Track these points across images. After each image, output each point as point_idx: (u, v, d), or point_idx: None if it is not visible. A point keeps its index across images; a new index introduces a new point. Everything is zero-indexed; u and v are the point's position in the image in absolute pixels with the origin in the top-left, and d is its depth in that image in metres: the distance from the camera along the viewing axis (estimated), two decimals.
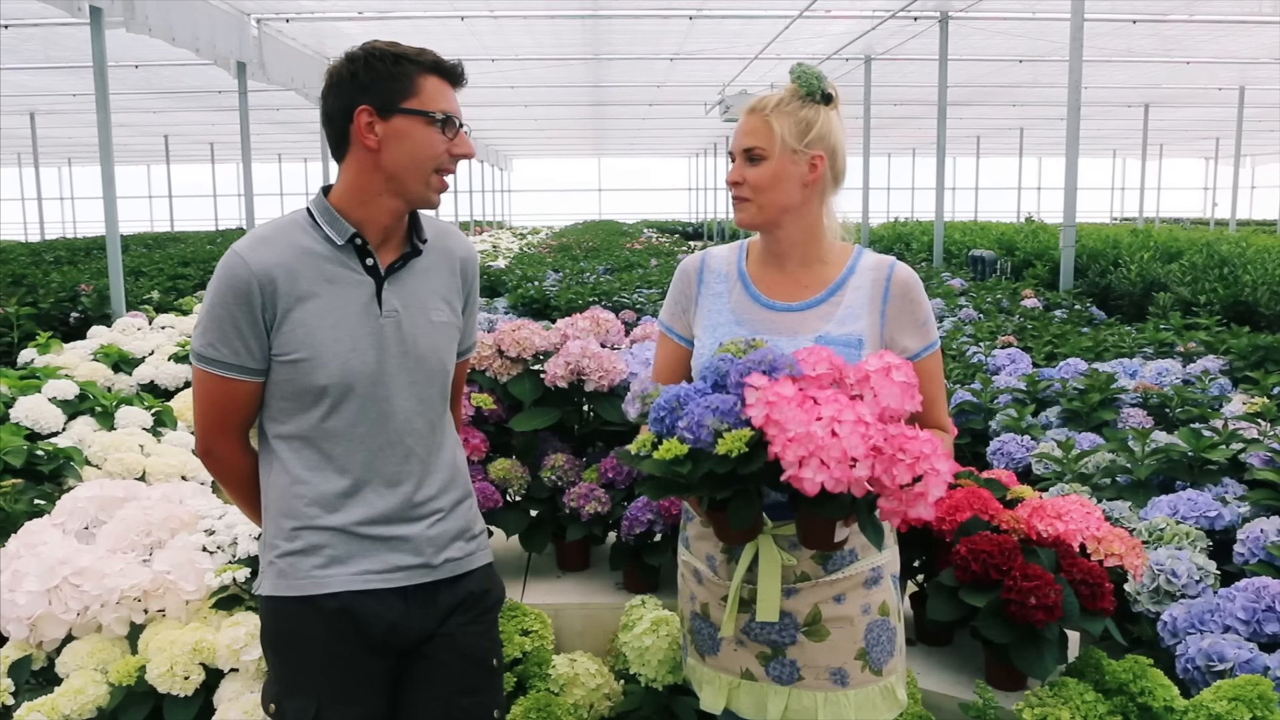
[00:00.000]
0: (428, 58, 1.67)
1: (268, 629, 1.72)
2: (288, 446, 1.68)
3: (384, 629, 1.68)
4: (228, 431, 1.71)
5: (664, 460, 1.49)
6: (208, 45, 11.12)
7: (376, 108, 1.62)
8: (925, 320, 1.78)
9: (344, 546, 1.66)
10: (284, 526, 1.68)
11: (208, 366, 1.64)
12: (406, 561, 1.69)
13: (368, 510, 1.67)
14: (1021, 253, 12.86)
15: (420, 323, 1.70)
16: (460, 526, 1.78)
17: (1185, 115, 25.11)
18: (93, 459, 4.47)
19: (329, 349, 1.62)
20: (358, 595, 1.66)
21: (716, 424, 1.49)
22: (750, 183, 1.75)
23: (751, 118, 1.76)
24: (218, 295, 1.62)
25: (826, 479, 1.37)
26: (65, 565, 2.30)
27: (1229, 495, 3.45)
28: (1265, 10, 12.60)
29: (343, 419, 1.65)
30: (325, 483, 1.66)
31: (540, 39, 14.67)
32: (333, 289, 1.64)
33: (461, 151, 1.67)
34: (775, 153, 1.73)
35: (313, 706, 1.66)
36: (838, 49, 15.22)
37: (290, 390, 1.65)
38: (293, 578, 1.66)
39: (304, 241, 1.65)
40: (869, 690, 1.70)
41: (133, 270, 11.91)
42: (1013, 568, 2.18)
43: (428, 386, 1.72)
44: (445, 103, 1.66)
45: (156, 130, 27.72)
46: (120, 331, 7.84)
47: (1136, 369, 5.43)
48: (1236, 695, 2.06)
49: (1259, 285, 8.15)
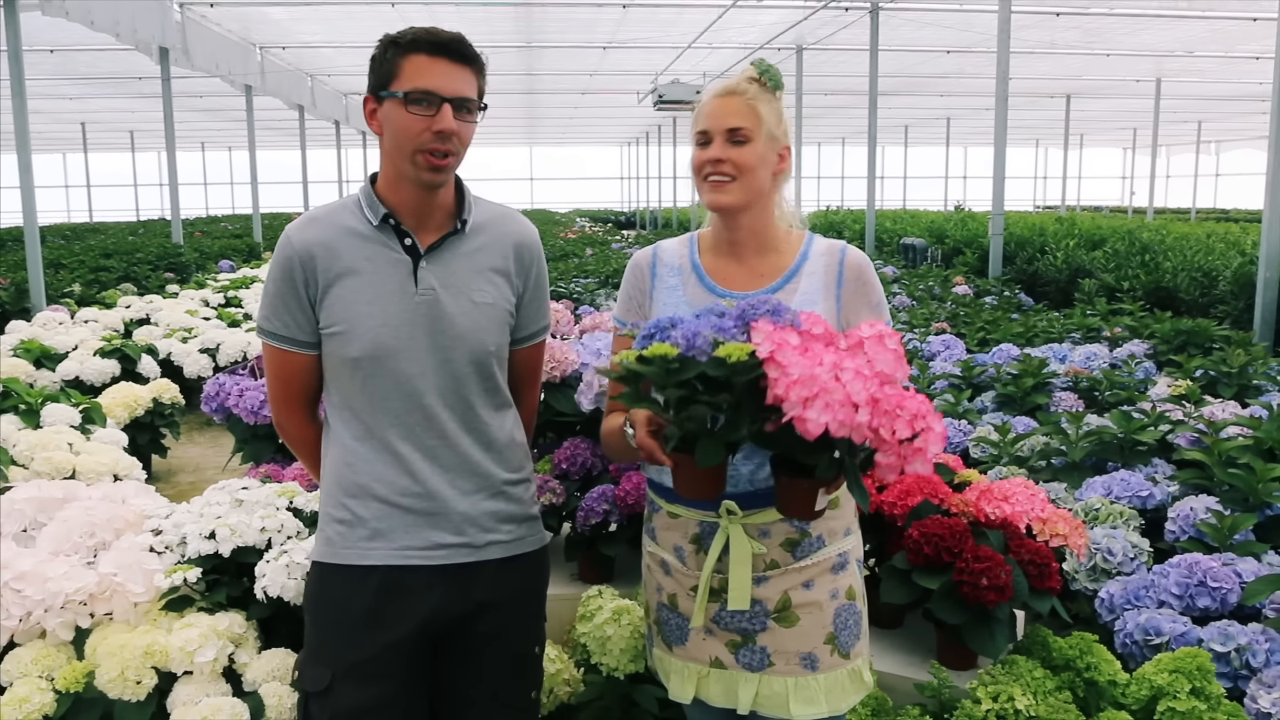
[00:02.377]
0: (408, 38, 1.65)
1: (309, 593, 1.78)
2: (339, 418, 1.75)
3: (424, 608, 1.70)
4: (291, 403, 1.80)
5: (653, 358, 1.42)
6: (128, 30, 10.77)
7: (374, 95, 1.69)
8: (879, 302, 1.82)
9: (387, 520, 1.71)
10: (335, 496, 1.74)
11: (266, 339, 1.75)
12: (448, 540, 1.73)
13: (409, 484, 1.71)
14: (951, 240, 13.13)
15: (460, 302, 1.73)
16: (511, 509, 1.80)
17: (1105, 106, 25.83)
18: (19, 458, 4.31)
19: (362, 323, 1.68)
20: (397, 570, 1.70)
21: (714, 336, 1.45)
22: (735, 162, 1.74)
23: (733, 99, 1.75)
24: (271, 272, 1.73)
25: (830, 420, 1.33)
26: (6, 570, 2.22)
27: (1159, 475, 3.58)
28: (1181, 5, 13.02)
29: (375, 391, 1.70)
30: (369, 454, 1.72)
31: (473, 25, 14.49)
32: (371, 266, 1.71)
33: (440, 127, 1.64)
34: (759, 137, 1.74)
35: (326, 677, 1.68)
36: (770, 39, 15.33)
37: (334, 363, 1.73)
38: (338, 545, 1.72)
39: (348, 222, 1.73)
40: (838, 674, 1.73)
41: (51, 263, 11.50)
42: (964, 550, 2.24)
43: (464, 364, 1.74)
44: (424, 79, 1.63)
45: (73, 118, 26.78)
46: (41, 326, 7.58)
47: (1066, 354, 5.59)
48: (1177, 667, 2.14)
49: (1179, 272, 8.45)
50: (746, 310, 1.52)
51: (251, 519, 2.41)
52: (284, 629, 2.38)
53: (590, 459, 2.78)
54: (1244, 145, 37.20)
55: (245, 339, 7.40)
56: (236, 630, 2.27)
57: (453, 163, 1.69)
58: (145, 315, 8.59)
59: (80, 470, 4.24)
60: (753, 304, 1.54)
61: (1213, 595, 2.70)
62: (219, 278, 11.82)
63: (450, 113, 1.64)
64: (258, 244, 17.15)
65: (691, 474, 1.51)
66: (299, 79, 18.34)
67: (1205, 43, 15.92)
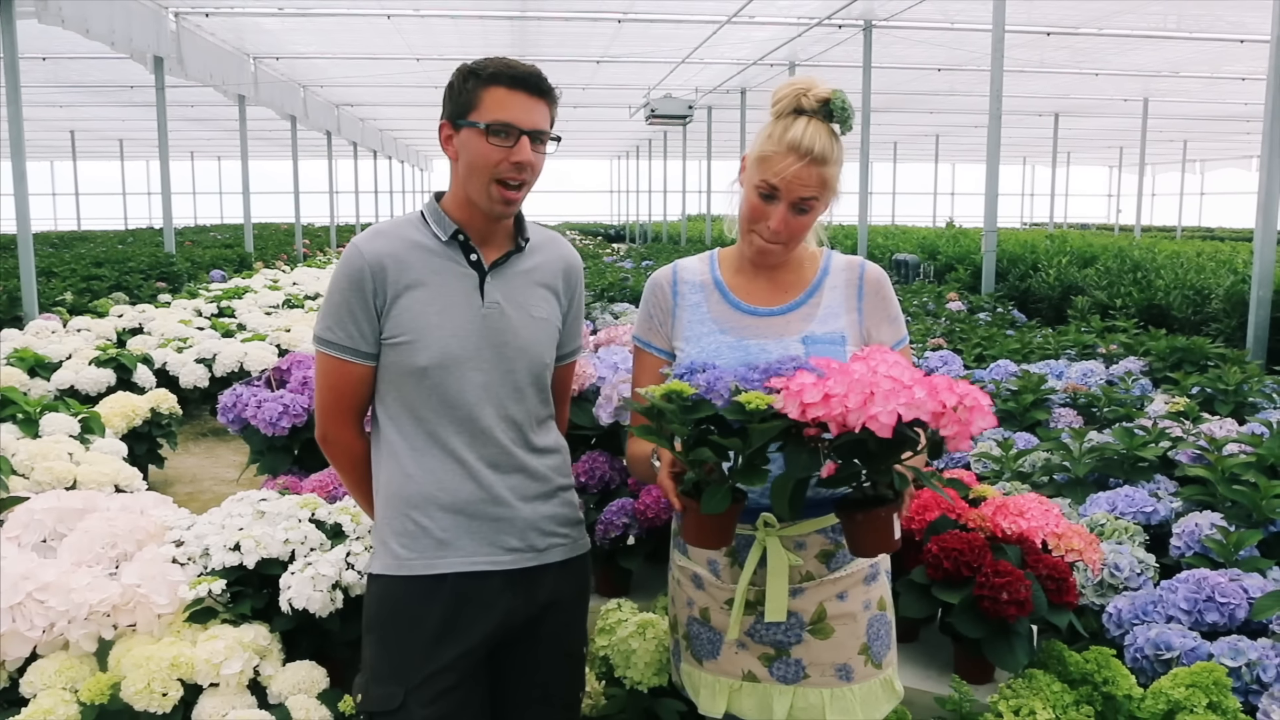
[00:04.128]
0: (490, 70, 1.70)
1: (370, 609, 1.77)
2: (396, 429, 1.77)
3: (495, 616, 1.73)
4: (342, 415, 1.82)
5: (667, 391, 1.45)
6: (124, 39, 10.75)
7: (451, 122, 1.74)
8: (896, 315, 1.86)
9: (453, 528, 1.74)
10: (394, 506, 1.75)
11: (325, 349, 1.78)
12: (514, 544, 1.76)
13: (474, 490, 1.74)
14: (944, 257, 13.22)
15: (521, 316, 1.79)
16: (565, 514, 1.86)
17: (1092, 125, 26.06)
18: (19, 468, 4.28)
19: (431, 333, 1.72)
20: (465, 577, 1.73)
21: (735, 385, 1.48)
22: (794, 231, 1.75)
23: (811, 169, 1.68)
24: (336, 282, 1.76)
25: (899, 406, 1.34)
26: (29, 580, 2.22)
27: (1162, 491, 3.62)
28: (1169, 26, 13.18)
29: (442, 400, 1.73)
30: (433, 463, 1.74)
31: (468, 39, 14.53)
32: (439, 279, 1.75)
33: (519, 158, 1.70)
34: (824, 201, 1.75)
35: (399, 694, 1.68)
36: (763, 55, 15.43)
37: (396, 373, 1.76)
38: (404, 558, 1.73)
39: (415, 236, 1.79)
40: (872, 684, 1.75)
41: (42, 271, 11.44)
42: (983, 564, 2.26)
43: (525, 375, 1.79)
44: (504, 112, 1.69)
45: (62, 125, 26.66)
46: (34, 335, 7.54)
47: (1062, 370, 5.63)
48: (1193, 682, 2.17)
49: (1171, 290, 8.53)
50: (773, 368, 1.56)
51: (275, 530, 2.42)
52: (306, 641, 2.39)
53: (608, 472, 2.80)
54: (1229, 165, 37.59)
55: (241, 349, 7.39)
56: (261, 642, 2.27)
57: (525, 193, 1.75)
58: (138, 325, 8.56)
59: (81, 480, 4.21)
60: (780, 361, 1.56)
61: (1221, 610, 2.73)
62: (211, 287, 11.78)
63: (528, 144, 1.71)
64: (249, 254, 17.09)
65: (697, 521, 1.52)
66: (292, 89, 18.33)
67: (1192, 63, 16.09)
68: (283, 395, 3.37)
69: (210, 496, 5.62)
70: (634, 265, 13.99)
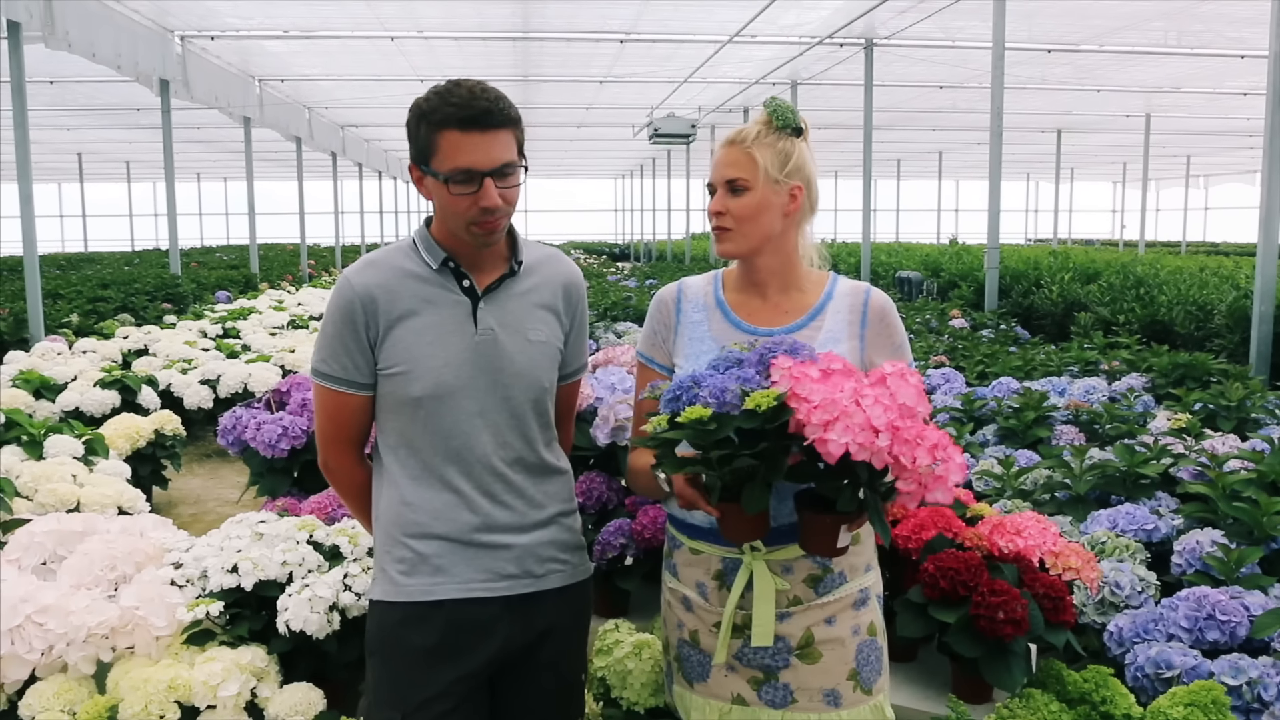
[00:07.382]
0: (439, 114, 1.63)
1: (371, 634, 1.78)
2: (394, 458, 1.77)
3: (494, 643, 1.73)
4: (341, 444, 1.83)
5: (689, 422, 1.46)
6: (130, 62, 10.85)
7: (417, 165, 1.70)
8: (901, 344, 1.85)
9: (449, 555, 1.73)
10: (392, 534, 1.76)
11: (322, 381, 1.78)
12: (510, 570, 1.76)
13: (470, 519, 1.74)
14: (947, 274, 13.23)
15: (517, 341, 1.77)
16: (565, 539, 1.85)
17: (1095, 140, 26.11)
18: (23, 490, 4.30)
19: (424, 363, 1.71)
20: (463, 604, 1.72)
21: (740, 389, 1.49)
22: (734, 213, 1.78)
23: (732, 149, 1.79)
24: (329, 315, 1.76)
25: (851, 442, 1.37)
26: (28, 603, 2.23)
27: (1163, 508, 3.61)
28: (1170, 42, 13.22)
29: (436, 430, 1.73)
30: (428, 492, 1.74)
31: (471, 60, 14.63)
32: (431, 308, 1.74)
33: (485, 204, 1.66)
34: (758, 184, 1.77)
35: (398, 719, 1.69)
36: (765, 74, 15.50)
37: (392, 402, 1.76)
38: (401, 584, 1.73)
39: (406, 265, 1.77)
40: (860, 710, 1.74)
41: (49, 293, 11.50)
42: (980, 584, 2.26)
43: (523, 401, 1.78)
44: (461, 157, 1.63)
45: (70, 148, 26.85)
46: (40, 356, 7.58)
47: (1065, 387, 5.63)
48: (1192, 700, 2.16)
49: (1174, 306, 8.53)
50: (764, 353, 1.56)
51: (273, 552, 2.42)
52: (304, 663, 2.39)
53: (606, 493, 2.80)
54: (1232, 179, 37.63)
55: (245, 370, 7.41)
56: (259, 664, 2.28)
57: (504, 223, 1.73)
58: (143, 346, 8.60)
59: (85, 502, 4.23)
60: (769, 345, 1.57)
61: (1222, 628, 2.72)
62: (216, 308, 11.83)
63: (492, 187, 1.65)
64: (254, 275, 17.17)
65: (739, 519, 1.55)
66: (297, 111, 18.45)
67: (1194, 79, 16.14)
68: (282, 417, 3.38)
69: (214, 518, 5.63)
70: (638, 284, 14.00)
